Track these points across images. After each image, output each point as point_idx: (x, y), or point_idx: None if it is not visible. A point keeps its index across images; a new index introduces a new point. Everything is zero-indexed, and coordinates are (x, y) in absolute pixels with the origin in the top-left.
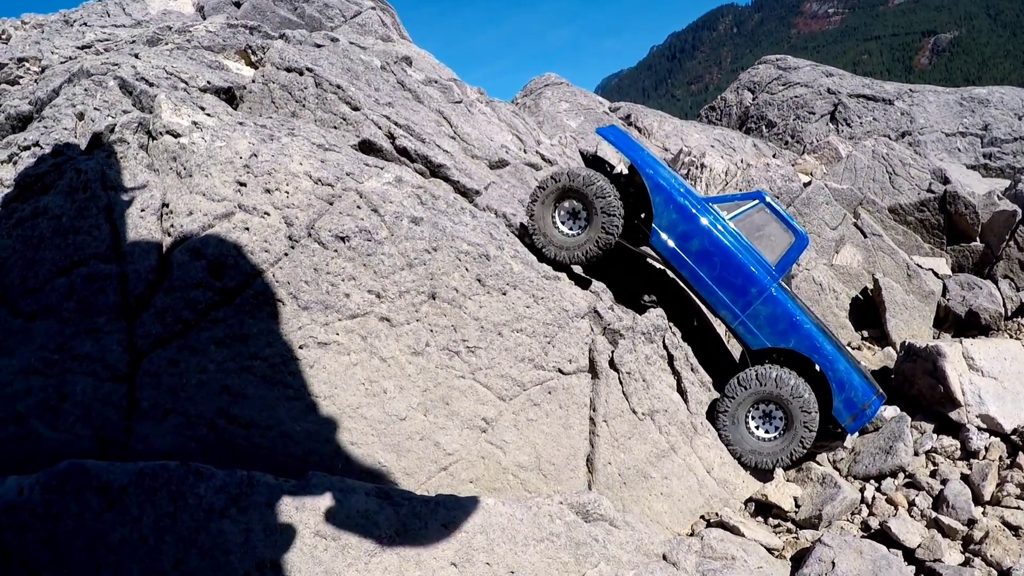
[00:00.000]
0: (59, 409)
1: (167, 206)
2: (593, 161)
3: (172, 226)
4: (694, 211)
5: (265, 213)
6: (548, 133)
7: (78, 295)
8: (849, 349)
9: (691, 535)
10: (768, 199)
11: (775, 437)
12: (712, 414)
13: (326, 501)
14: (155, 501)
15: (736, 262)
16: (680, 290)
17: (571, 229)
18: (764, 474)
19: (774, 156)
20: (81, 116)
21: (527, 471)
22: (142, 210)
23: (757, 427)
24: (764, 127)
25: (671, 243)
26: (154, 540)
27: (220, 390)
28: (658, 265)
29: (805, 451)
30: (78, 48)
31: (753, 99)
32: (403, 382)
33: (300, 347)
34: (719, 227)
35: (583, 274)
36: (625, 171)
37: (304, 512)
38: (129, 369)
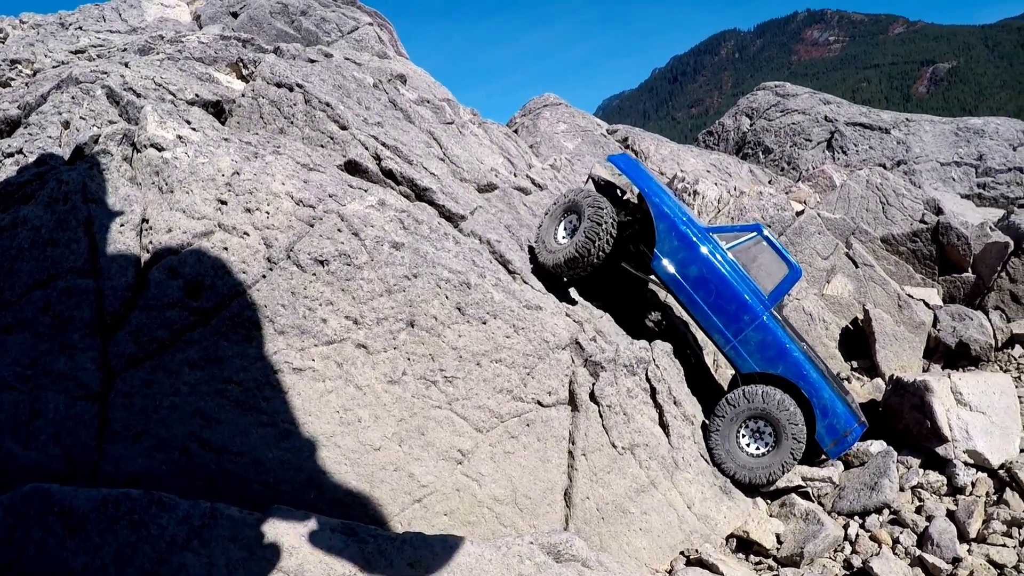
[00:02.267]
0: (31, 426)
1: (147, 222)
2: (604, 187)
3: (151, 243)
4: (695, 239)
5: (245, 233)
6: (544, 154)
7: (54, 309)
8: (839, 379)
9: (670, 572)
10: (766, 232)
11: (766, 452)
12: (704, 435)
13: (290, 537)
14: (117, 530)
15: (731, 290)
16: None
17: (564, 239)
18: (747, 508)
19: (770, 182)
20: (67, 124)
21: (503, 504)
22: (121, 225)
23: (748, 444)
24: (761, 153)
25: (671, 268)
26: (115, 570)
27: (193, 413)
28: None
29: (796, 463)
30: (71, 52)
31: (751, 125)
32: (378, 411)
33: (275, 372)
34: (717, 256)
35: (582, 298)
36: (634, 200)
37: (267, 548)
38: (102, 388)
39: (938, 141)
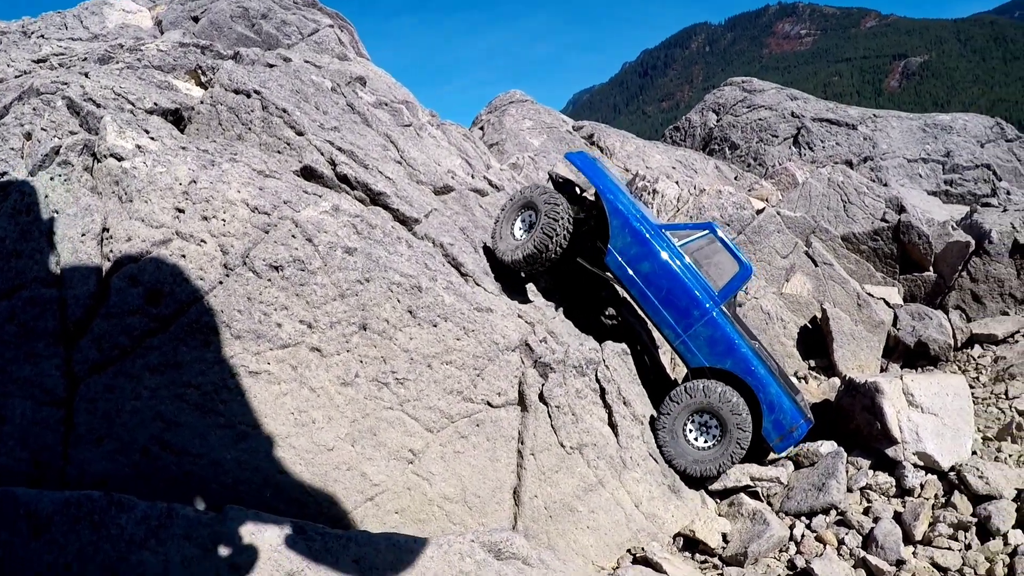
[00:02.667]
0: None
1: (107, 231)
2: (563, 184)
3: (111, 251)
4: (647, 236)
5: (202, 241)
6: (510, 151)
7: (19, 319)
8: (790, 377)
9: (616, 569)
10: (718, 230)
11: (713, 444)
12: (652, 430)
13: (242, 535)
14: (79, 530)
15: (681, 286)
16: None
17: (522, 234)
18: (695, 507)
19: (736, 178)
20: (29, 136)
21: (453, 503)
22: (83, 235)
23: (696, 438)
24: (727, 149)
25: (623, 264)
26: (78, 568)
27: (154, 417)
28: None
29: (742, 456)
30: (34, 61)
31: (717, 120)
32: (332, 412)
33: (232, 376)
34: (669, 252)
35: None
36: (591, 197)
37: (220, 545)
38: (67, 394)
39: (905, 137)
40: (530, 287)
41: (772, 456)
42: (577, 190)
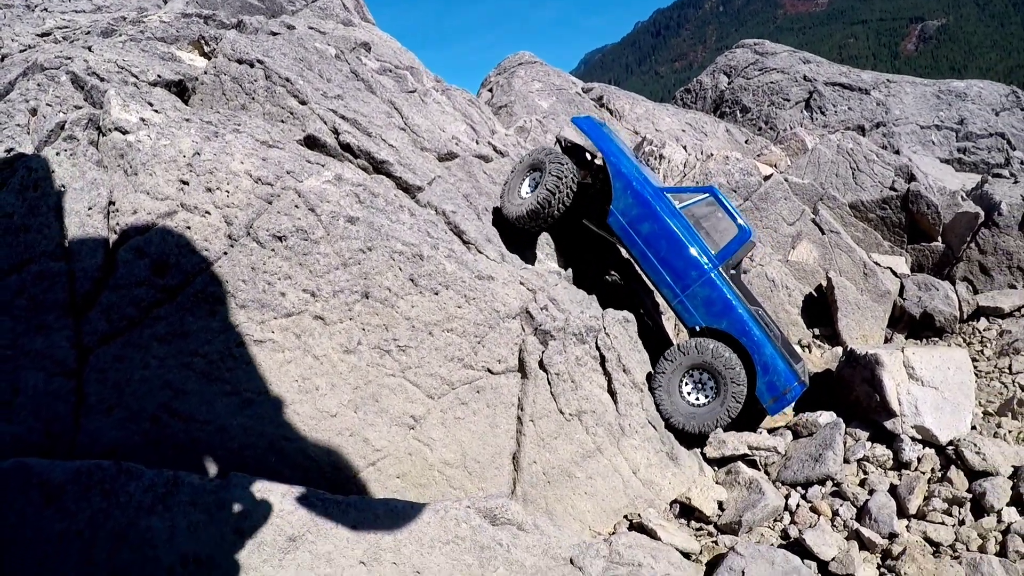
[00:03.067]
0: (12, 403)
1: (114, 204)
2: (571, 148)
3: (118, 224)
4: (648, 197)
5: (206, 212)
6: (518, 114)
7: (28, 292)
8: (792, 345)
9: (612, 534)
10: (718, 193)
11: (708, 402)
12: (649, 385)
13: (245, 501)
14: (90, 498)
15: (680, 247)
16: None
17: (527, 193)
18: (693, 475)
19: (746, 142)
20: (34, 111)
21: (453, 468)
22: (89, 208)
23: (690, 393)
24: (739, 112)
25: (625, 225)
26: (89, 534)
27: (162, 385)
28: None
29: (739, 407)
30: (38, 36)
31: (728, 83)
32: (335, 379)
33: (237, 344)
34: (669, 214)
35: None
36: (600, 162)
37: (224, 511)
38: (77, 365)
39: (919, 103)
40: (535, 253)
41: (772, 424)
42: (587, 155)
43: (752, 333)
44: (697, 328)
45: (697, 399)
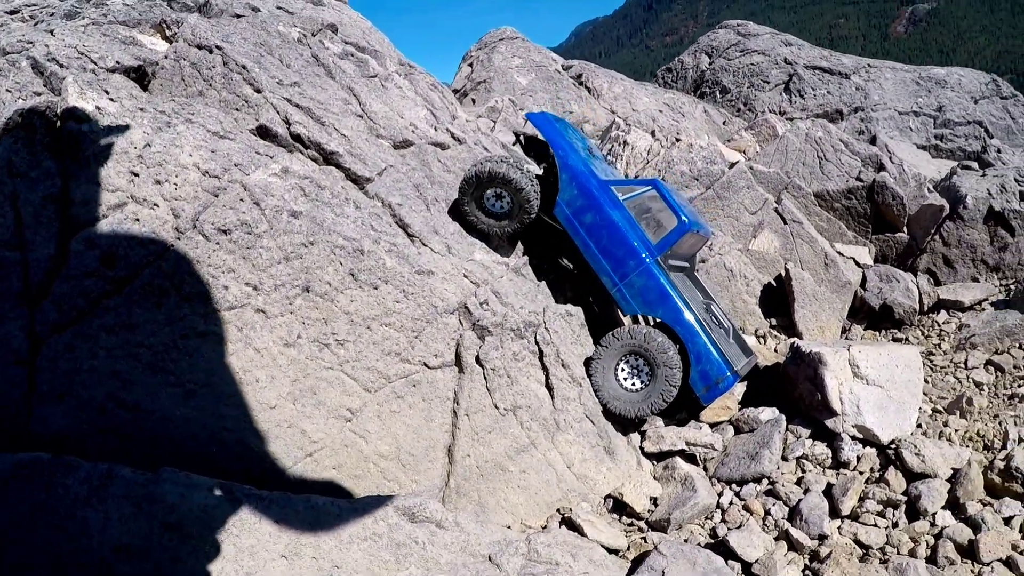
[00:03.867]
0: None
1: (67, 194)
2: (530, 141)
3: (70, 215)
4: (592, 189)
5: (155, 204)
6: (497, 90)
7: None
8: (740, 335)
9: (544, 528)
10: (661, 186)
11: (643, 387)
12: (586, 368)
13: (174, 495)
14: (30, 490)
15: (620, 237)
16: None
17: (498, 208)
18: (629, 469)
19: (724, 123)
20: None
21: (387, 460)
22: (43, 198)
23: (626, 379)
24: (718, 93)
25: (569, 215)
26: (29, 523)
27: (110, 375)
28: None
29: (674, 392)
30: (6, 13)
31: (710, 64)
32: (274, 372)
33: (182, 336)
34: (611, 205)
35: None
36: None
37: (154, 504)
38: (30, 354)
39: (898, 89)
40: (481, 245)
41: (715, 419)
42: (549, 148)
43: (686, 322)
44: (639, 316)
45: (633, 384)
